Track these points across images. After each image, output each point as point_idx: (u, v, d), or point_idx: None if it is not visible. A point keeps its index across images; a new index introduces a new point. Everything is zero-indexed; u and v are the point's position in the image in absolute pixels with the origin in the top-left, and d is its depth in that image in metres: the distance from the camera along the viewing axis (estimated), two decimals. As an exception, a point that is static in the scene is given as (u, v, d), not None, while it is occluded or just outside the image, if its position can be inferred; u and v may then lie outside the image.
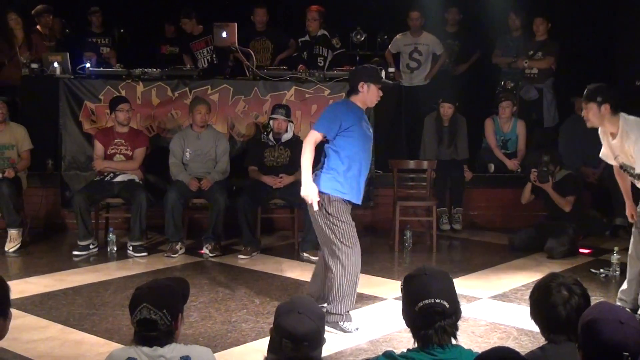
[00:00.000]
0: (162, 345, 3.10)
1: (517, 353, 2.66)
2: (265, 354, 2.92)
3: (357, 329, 5.38)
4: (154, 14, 10.94)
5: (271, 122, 7.88)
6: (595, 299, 4.60)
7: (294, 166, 7.18)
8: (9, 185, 7.60)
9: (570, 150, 8.72)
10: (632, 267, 5.68)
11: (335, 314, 5.34)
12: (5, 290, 2.87)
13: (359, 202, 5.53)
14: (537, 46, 9.63)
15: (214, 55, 9.68)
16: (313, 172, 5.36)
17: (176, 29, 10.61)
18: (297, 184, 5.80)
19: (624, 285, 5.79)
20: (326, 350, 3.71)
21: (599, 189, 8.71)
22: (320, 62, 9.44)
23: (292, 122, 7.95)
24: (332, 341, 5.00)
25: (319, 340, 2.95)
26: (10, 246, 7.62)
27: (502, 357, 2.60)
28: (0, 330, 2.83)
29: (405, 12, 9.99)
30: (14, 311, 2.99)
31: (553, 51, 9.58)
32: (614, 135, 5.53)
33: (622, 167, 5.65)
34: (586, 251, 7.75)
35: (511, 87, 9.73)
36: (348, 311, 5.40)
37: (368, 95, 5.50)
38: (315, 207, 5.27)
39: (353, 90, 5.52)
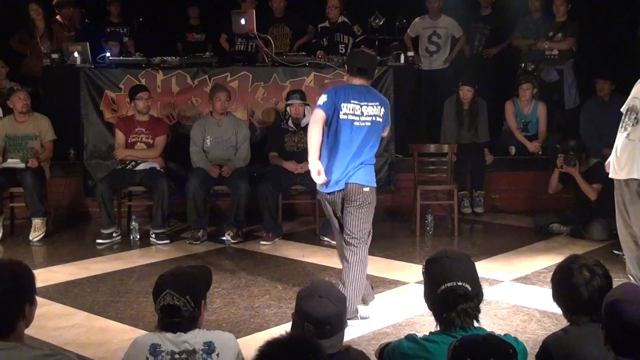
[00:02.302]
0: (185, 331, 3.13)
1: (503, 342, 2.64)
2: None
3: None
4: (174, 2, 10.95)
5: (288, 108, 7.90)
6: (618, 280, 4.58)
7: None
8: (33, 175, 7.65)
9: (592, 132, 8.65)
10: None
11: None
12: (31, 277, 2.91)
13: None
14: (557, 27, 9.56)
15: (254, 45, 9.62)
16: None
17: (201, 14, 10.61)
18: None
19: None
20: (348, 334, 3.72)
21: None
22: (342, 49, 9.43)
23: (308, 105, 7.92)
24: (355, 326, 5.02)
25: (341, 324, 2.97)
26: (35, 235, 7.69)
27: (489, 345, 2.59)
28: (28, 317, 2.87)
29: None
30: (39, 299, 3.02)
31: (573, 32, 9.51)
32: None
33: None
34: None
35: (531, 69, 9.65)
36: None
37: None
38: None
39: (367, 74, 5.35)
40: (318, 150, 5.18)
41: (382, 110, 5.28)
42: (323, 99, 5.21)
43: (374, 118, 5.23)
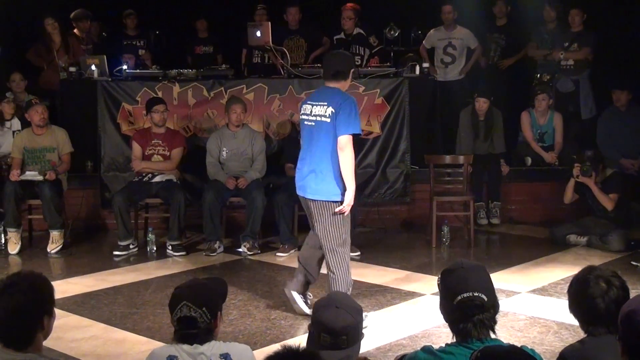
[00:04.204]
0: (202, 342, 3.14)
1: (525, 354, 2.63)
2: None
3: None
4: (188, 15, 11.02)
5: (302, 119, 7.92)
6: (636, 291, 4.56)
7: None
8: (51, 187, 7.70)
9: (609, 142, 8.63)
10: None
11: None
12: (50, 289, 2.94)
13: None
14: (573, 37, 9.54)
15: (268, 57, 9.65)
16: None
17: (209, 26, 10.69)
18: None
19: None
20: (365, 345, 3.72)
21: (638, 181, 8.61)
22: (358, 61, 9.43)
23: None
24: (371, 337, 5.01)
25: (357, 335, 2.97)
26: (53, 247, 7.73)
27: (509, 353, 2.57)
28: (46, 329, 2.89)
29: (439, 6, 9.96)
30: (57, 311, 3.04)
31: (589, 42, 9.48)
32: None
33: None
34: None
35: (547, 79, 9.65)
36: None
37: (349, 83, 5.50)
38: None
39: (341, 75, 5.35)
40: None
41: (330, 110, 5.20)
42: None
43: (318, 118, 5.28)
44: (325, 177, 5.29)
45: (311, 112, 5.34)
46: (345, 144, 5.19)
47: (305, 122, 5.39)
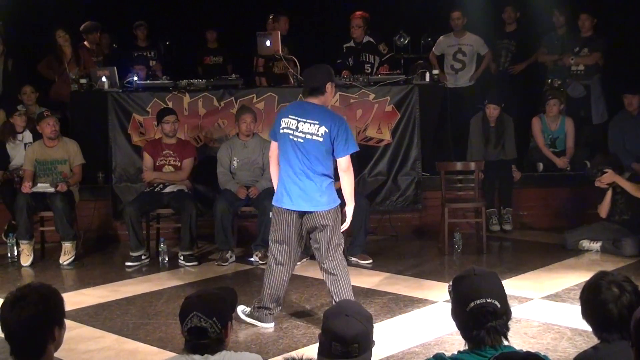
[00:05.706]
0: (212, 353, 3.13)
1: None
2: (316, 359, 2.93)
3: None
4: (198, 25, 11.07)
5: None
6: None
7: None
8: (62, 199, 7.72)
9: (620, 146, 8.59)
10: None
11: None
12: (60, 300, 2.94)
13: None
14: (583, 42, 9.52)
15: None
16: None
17: (218, 37, 10.75)
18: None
19: None
20: (377, 353, 3.70)
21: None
22: (368, 69, 9.44)
23: None
24: (383, 344, 5.00)
25: (368, 342, 2.96)
26: (65, 259, 7.75)
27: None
28: (57, 340, 2.89)
29: (448, 13, 9.96)
30: (69, 322, 3.05)
31: (599, 47, 9.47)
32: None
33: None
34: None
35: (558, 84, 9.62)
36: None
37: (330, 95, 5.49)
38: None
39: (318, 91, 5.37)
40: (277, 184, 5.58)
41: (323, 129, 5.25)
42: (272, 127, 5.60)
43: (308, 136, 5.29)
44: (321, 189, 5.35)
45: (297, 127, 5.32)
46: (347, 165, 5.34)
47: (290, 137, 5.35)
